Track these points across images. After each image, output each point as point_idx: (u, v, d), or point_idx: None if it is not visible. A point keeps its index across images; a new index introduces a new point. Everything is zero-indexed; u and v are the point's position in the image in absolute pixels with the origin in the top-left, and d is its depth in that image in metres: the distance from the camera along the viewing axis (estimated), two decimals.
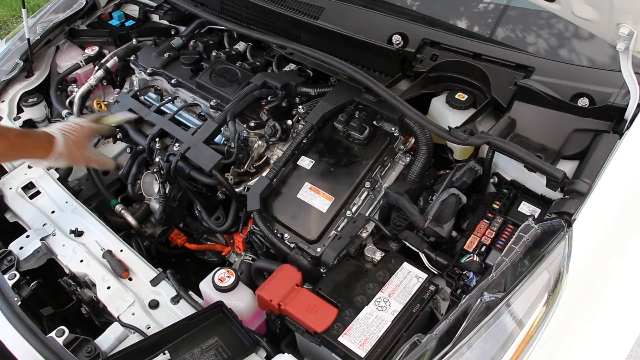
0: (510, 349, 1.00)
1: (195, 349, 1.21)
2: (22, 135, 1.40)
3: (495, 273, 1.09)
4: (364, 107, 1.56)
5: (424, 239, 1.36)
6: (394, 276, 1.26)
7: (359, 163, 1.50)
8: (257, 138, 1.66)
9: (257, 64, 1.85)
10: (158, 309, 1.35)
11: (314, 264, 1.38)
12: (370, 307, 1.20)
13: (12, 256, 1.45)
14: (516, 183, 1.41)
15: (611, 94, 1.33)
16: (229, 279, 1.30)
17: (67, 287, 1.47)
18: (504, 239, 1.29)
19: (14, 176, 1.71)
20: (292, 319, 1.21)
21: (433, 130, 1.38)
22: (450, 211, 1.34)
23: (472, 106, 1.53)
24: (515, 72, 1.48)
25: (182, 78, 1.85)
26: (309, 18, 1.74)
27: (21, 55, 2.06)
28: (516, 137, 1.41)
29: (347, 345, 1.13)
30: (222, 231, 1.65)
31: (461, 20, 1.80)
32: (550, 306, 1.04)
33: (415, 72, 1.60)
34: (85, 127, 1.53)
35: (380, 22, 1.67)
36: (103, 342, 1.26)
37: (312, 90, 1.70)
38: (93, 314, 1.48)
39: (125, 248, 1.49)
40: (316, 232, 1.40)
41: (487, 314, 1.01)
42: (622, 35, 1.14)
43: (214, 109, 1.74)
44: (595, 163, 1.22)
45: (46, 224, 1.55)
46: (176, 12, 2.17)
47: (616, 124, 1.32)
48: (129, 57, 2.05)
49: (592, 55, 1.57)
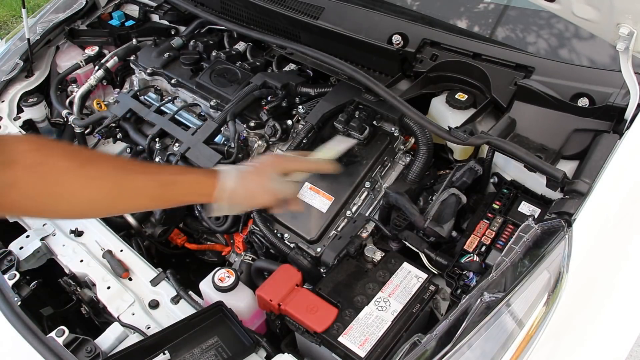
0: (510, 349, 1.00)
1: (195, 349, 1.21)
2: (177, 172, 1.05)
3: (495, 273, 1.09)
4: (364, 107, 1.56)
5: (424, 239, 1.36)
6: (394, 276, 1.26)
7: (359, 163, 1.50)
8: (257, 138, 1.66)
9: (257, 64, 1.85)
10: (158, 309, 1.35)
11: (314, 264, 1.38)
12: (370, 307, 1.20)
13: (12, 256, 1.44)
14: (516, 183, 1.41)
15: (611, 94, 1.33)
16: (229, 279, 1.30)
17: (67, 287, 1.47)
18: (504, 239, 1.29)
19: None
20: (292, 319, 1.21)
21: (433, 130, 1.38)
22: (450, 211, 1.34)
23: (472, 106, 1.53)
24: (515, 72, 1.48)
25: (182, 78, 1.85)
26: (309, 18, 1.74)
27: (21, 55, 2.06)
28: (516, 137, 1.41)
29: (347, 345, 1.13)
30: (222, 231, 1.65)
31: (461, 20, 1.80)
32: (550, 306, 1.04)
33: (415, 72, 1.60)
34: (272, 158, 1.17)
35: (380, 22, 1.67)
36: (103, 342, 1.26)
37: (312, 90, 1.70)
38: (93, 314, 1.48)
39: (125, 248, 1.49)
40: (316, 232, 1.40)
41: (487, 314, 1.01)
42: (622, 35, 1.14)
43: (214, 109, 1.74)
44: (595, 163, 1.22)
45: (46, 224, 1.55)
46: (176, 12, 2.17)
47: (616, 124, 1.32)
48: (129, 57, 2.05)
49: (592, 55, 1.57)
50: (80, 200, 0.90)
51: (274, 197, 1.12)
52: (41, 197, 0.86)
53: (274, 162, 1.14)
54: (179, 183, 1.01)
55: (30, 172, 0.83)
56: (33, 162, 0.83)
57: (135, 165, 1.01)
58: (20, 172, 0.82)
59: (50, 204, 0.87)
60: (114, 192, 0.93)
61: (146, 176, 0.97)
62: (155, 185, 0.98)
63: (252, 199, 1.11)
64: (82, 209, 0.95)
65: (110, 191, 0.92)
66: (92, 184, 0.89)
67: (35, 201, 0.86)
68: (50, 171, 0.85)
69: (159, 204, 1.08)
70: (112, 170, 0.93)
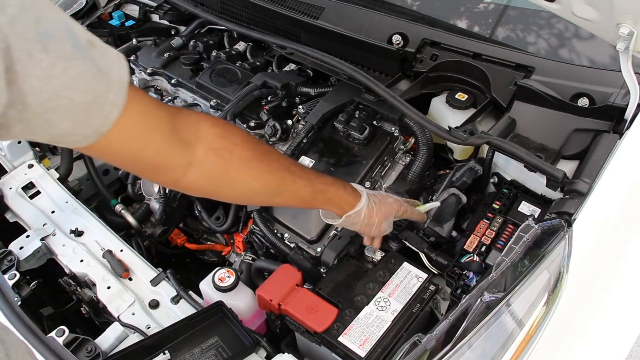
0: (510, 349, 1.00)
1: (195, 349, 1.21)
2: (328, 182, 1.12)
3: (495, 273, 1.09)
4: (364, 107, 1.56)
5: (424, 238, 1.37)
6: (394, 276, 1.26)
7: (359, 163, 1.50)
8: (257, 138, 1.66)
9: (257, 64, 1.85)
10: (158, 309, 1.35)
11: (314, 264, 1.38)
12: (371, 307, 1.20)
13: (12, 256, 1.44)
14: (516, 183, 1.41)
15: (611, 94, 1.33)
16: (229, 279, 1.30)
17: (67, 287, 1.47)
18: (504, 238, 1.29)
19: (14, 176, 1.71)
20: (292, 319, 1.21)
21: (433, 130, 1.38)
22: (450, 211, 1.34)
23: (472, 106, 1.53)
24: (515, 72, 1.48)
25: (182, 78, 1.85)
26: (309, 18, 1.74)
27: None
28: (516, 137, 1.41)
29: (347, 345, 1.13)
30: (222, 231, 1.65)
31: (461, 20, 1.80)
32: (550, 306, 1.04)
33: (415, 72, 1.60)
34: (394, 200, 1.25)
35: (380, 22, 1.67)
36: (103, 342, 1.26)
37: (312, 90, 1.70)
38: (93, 313, 1.48)
39: (125, 248, 1.49)
40: (316, 231, 1.40)
41: (487, 313, 1.01)
42: (622, 35, 1.14)
43: (214, 109, 1.74)
44: (595, 163, 1.22)
45: (46, 224, 1.55)
46: (176, 12, 2.17)
47: (616, 124, 1.32)
48: (129, 57, 2.05)
49: (592, 55, 1.57)
50: (248, 189, 0.96)
51: (382, 232, 1.25)
52: (217, 181, 0.91)
53: (397, 207, 1.24)
54: (328, 193, 1.11)
55: (213, 156, 0.87)
56: (217, 146, 0.87)
57: (297, 168, 1.08)
58: (203, 153, 0.86)
59: (223, 187, 0.93)
60: (277, 189, 1.00)
61: (305, 181, 1.05)
62: (310, 191, 1.07)
63: (367, 227, 1.21)
64: (247, 197, 1.05)
65: (275, 187, 1.00)
66: (262, 177, 0.96)
67: (212, 183, 0.91)
68: (231, 158, 0.90)
69: (305, 205, 1.18)
70: (280, 168, 1.00)
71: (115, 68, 0.72)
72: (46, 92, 0.64)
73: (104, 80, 0.70)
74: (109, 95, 0.71)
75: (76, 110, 0.68)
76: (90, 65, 0.68)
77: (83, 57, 0.68)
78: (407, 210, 1.28)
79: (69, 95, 0.67)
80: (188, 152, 0.84)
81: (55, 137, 0.70)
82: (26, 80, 0.62)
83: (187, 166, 0.85)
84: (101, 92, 0.70)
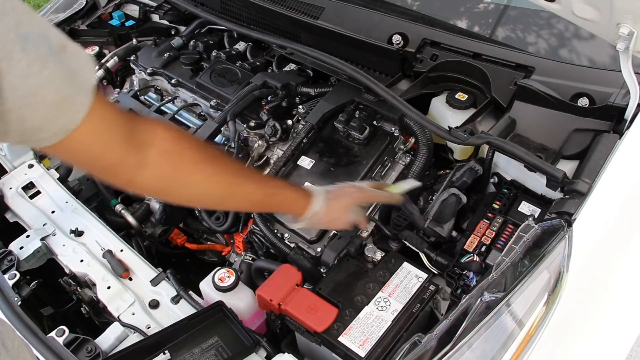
0: (510, 349, 1.00)
1: (196, 349, 1.21)
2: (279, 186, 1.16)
3: (495, 273, 1.09)
4: (364, 107, 1.56)
5: (424, 238, 1.37)
6: (394, 276, 1.26)
7: (359, 163, 1.50)
8: (257, 138, 1.66)
9: (257, 64, 1.85)
10: (158, 309, 1.35)
11: (314, 264, 1.38)
12: (371, 307, 1.20)
13: (12, 256, 1.44)
14: (516, 183, 1.41)
15: (611, 94, 1.33)
16: (229, 279, 1.30)
17: (67, 287, 1.47)
18: (504, 238, 1.29)
19: (14, 176, 1.71)
20: (292, 319, 1.21)
21: (433, 130, 1.38)
22: (450, 211, 1.34)
23: (472, 106, 1.53)
24: (515, 72, 1.48)
25: (182, 78, 1.85)
26: (309, 18, 1.74)
27: None
28: (516, 137, 1.41)
29: (347, 345, 1.13)
30: (222, 231, 1.65)
31: (461, 20, 1.80)
32: (550, 306, 1.04)
33: (415, 72, 1.60)
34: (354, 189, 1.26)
35: (380, 22, 1.67)
36: (103, 342, 1.26)
37: (312, 90, 1.70)
38: (93, 313, 1.48)
39: (125, 248, 1.49)
40: (316, 231, 1.40)
41: (487, 313, 1.01)
42: (622, 35, 1.14)
43: (214, 109, 1.74)
44: (595, 163, 1.22)
45: (46, 224, 1.55)
46: (176, 12, 2.17)
47: (616, 124, 1.32)
48: (129, 57, 2.05)
49: (592, 55, 1.57)
50: (198, 191, 0.98)
51: (349, 223, 1.26)
52: (168, 182, 0.93)
53: (356, 195, 1.25)
54: (279, 196, 1.13)
55: (164, 158, 0.90)
56: (168, 149, 0.90)
57: (246, 172, 1.12)
58: (155, 155, 0.88)
59: (173, 188, 0.96)
60: (226, 192, 1.02)
61: (254, 184, 1.07)
62: (261, 194, 1.09)
63: (331, 222, 1.25)
64: (198, 199, 1.08)
65: (224, 190, 1.02)
66: (211, 180, 0.98)
67: (162, 184, 0.94)
68: (181, 160, 0.93)
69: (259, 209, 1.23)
70: (229, 172, 1.02)
71: (84, 71, 0.78)
72: (23, 89, 0.69)
73: (74, 82, 0.76)
74: (78, 96, 0.76)
75: (48, 107, 0.73)
76: (61, 67, 0.74)
77: (55, 59, 0.73)
78: (373, 195, 1.30)
79: (43, 94, 0.72)
80: (141, 154, 0.87)
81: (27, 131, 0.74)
82: (6, 77, 0.67)
83: (140, 167, 0.88)
84: (71, 92, 0.75)
